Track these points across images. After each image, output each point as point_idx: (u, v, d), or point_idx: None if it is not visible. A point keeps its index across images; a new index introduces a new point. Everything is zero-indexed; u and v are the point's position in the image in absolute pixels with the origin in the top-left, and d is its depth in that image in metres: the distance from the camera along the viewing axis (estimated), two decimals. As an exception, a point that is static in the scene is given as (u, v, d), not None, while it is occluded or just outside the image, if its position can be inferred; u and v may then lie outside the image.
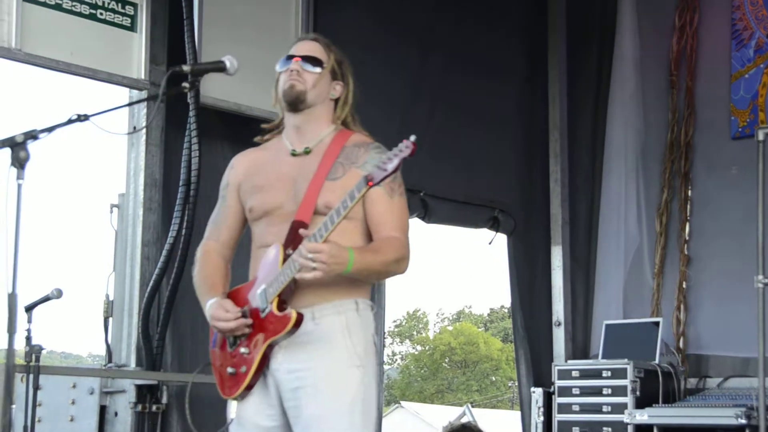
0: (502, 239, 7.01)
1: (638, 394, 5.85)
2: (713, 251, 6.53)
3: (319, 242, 2.89)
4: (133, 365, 5.13)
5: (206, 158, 5.21)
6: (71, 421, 5.08)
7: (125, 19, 5.14)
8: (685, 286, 6.59)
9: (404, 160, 2.79)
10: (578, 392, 6.08)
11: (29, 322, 4.30)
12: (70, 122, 2.99)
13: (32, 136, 2.89)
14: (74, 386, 5.11)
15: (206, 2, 5.25)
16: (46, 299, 4.38)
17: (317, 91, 3.21)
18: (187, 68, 3.18)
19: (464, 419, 7.41)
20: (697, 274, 6.58)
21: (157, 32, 5.27)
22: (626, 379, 5.88)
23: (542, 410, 6.31)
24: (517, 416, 7.17)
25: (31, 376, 4.30)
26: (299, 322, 2.98)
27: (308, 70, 3.20)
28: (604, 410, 5.93)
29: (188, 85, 3.18)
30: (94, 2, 5.00)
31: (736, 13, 6.63)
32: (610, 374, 5.97)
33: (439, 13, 6.64)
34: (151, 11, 5.23)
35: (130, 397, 5.03)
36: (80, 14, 4.97)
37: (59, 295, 4.34)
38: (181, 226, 5.10)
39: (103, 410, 5.08)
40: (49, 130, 2.94)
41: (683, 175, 6.70)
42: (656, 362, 6.11)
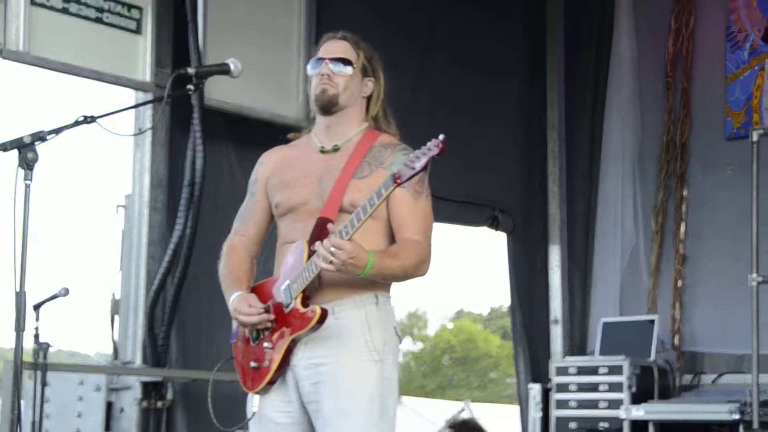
0: (501, 238, 7.06)
1: (634, 390, 5.89)
2: (708, 250, 6.56)
3: (344, 239, 2.89)
4: (138, 362, 5.16)
5: (210, 159, 5.25)
6: (78, 417, 5.12)
7: (131, 22, 5.17)
8: (680, 284, 6.63)
9: (433, 159, 2.78)
10: (575, 388, 6.13)
11: (37, 320, 4.33)
12: (77, 124, 3.01)
13: (40, 137, 2.93)
14: (81, 383, 5.13)
15: (210, 5, 5.28)
16: (53, 298, 4.41)
17: (349, 92, 3.21)
18: (191, 70, 3.21)
19: (463, 414, 7.45)
20: (692, 272, 6.62)
21: (162, 35, 5.30)
22: (622, 375, 5.92)
23: (540, 406, 6.36)
24: (515, 412, 7.21)
25: (38, 373, 4.34)
26: (323, 318, 2.98)
27: (339, 72, 3.20)
28: (600, 406, 5.98)
29: (193, 87, 3.20)
30: (100, 6, 5.03)
31: (731, 15, 6.66)
32: (606, 371, 6.01)
33: (439, 14, 6.66)
34: (156, 14, 5.25)
35: (135, 393, 5.06)
36: (87, 17, 4.99)
37: (66, 293, 4.37)
38: (185, 225, 5.13)
39: (109, 406, 5.11)
40: (56, 131, 2.97)
41: (679, 175, 6.74)
42: (652, 359, 6.15)
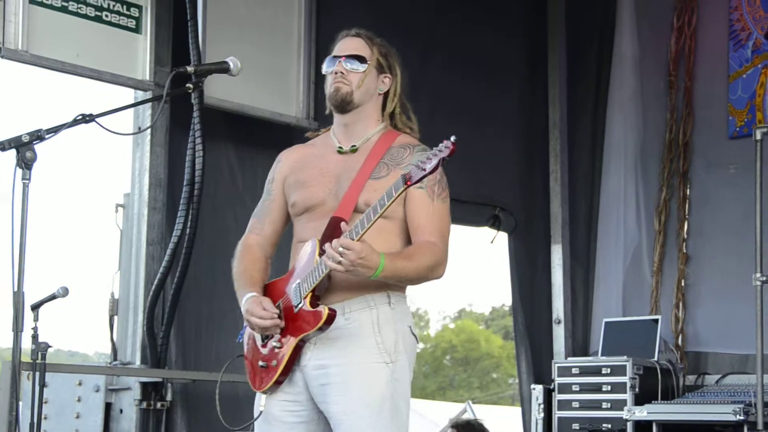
0: (503, 238, 7.05)
1: (637, 390, 5.86)
2: (711, 249, 6.55)
3: (354, 240, 2.87)
4: (138, 363, 5.16)
5: (210, 158, 5.24)
6: (77, 418, 5.11)
7: (130, 21, 5.17)
8: (683, 284, 6.61)
9: (443, 160, 2.77)
10: (578, 389, 6.10)
11: (36, 320, 4.31)
12: (75, 123, 3.00)
13: (38, 136, 2.92)
14: (80, 384, 5.13)
15: (210, 4, 5.27)
16: (52, 298, 4.38)
17: (364, 89, 3.19)
18: (191, 69, 3.21)
19: (465, 415, 7.43)
20: (695, 272, 6.60)
21: (161, 34, 5.30)
22: (625, 376, 5.90)
23: (542, 407, 6.33)
24: (517, 413, 7.19)
25: (37, 373, 4.32)
26: (331, 319, 2.97)
27: (352, 69, 3.18)
28: (603, 407, 5.95)
29: (192, 85, 3.20)
30: (99, 4, 5.03)
31: (733, 13, 6.65)
32: (609, 371, 5.98)
33: (440, 13, 6.66)
34: (155, 13, 5.25)
35: (135, 394, 5.07)
36: (86, 16, 4.99)
37: (65, 293, 4.35)
38: (185, 225, 5.13)
39: (108, 407, 5.11)
40: (54, 130, 2.96)
41: (682, 174, 6.72)
42: (655, 359, 6.13)
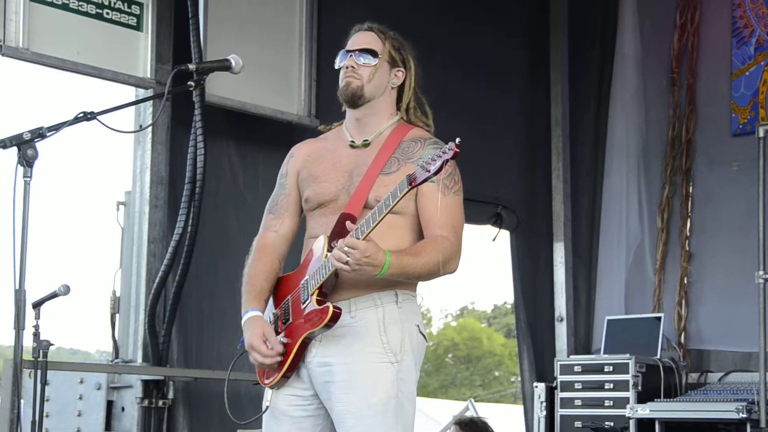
0: (505, 236, 7.04)
1: (640, 388, 5.86)
2: (714, 247, 6.55)
3: (360, 238, 2.85)
4: (139, 361, 5.16)
5: (211, 156, 5.24)
6: (79, 416, 5.11)
7: (131, 18, 5.16)
8: (686, 281, 6.61)
9: (447, 162, 2.75)
10: (580, 387, 6.10)
11: (37, 318, 4.31)
12: (76, 120, 3.00)
13: (39, 134, 2.91)
14: (81, 382, 5.14)
15: (211, 1, 5.27)
16: (53, 296, 4.38)
17: (375, 83, 3.17)
18: (192, 67, 3.20)
19: (468, 413, 7.42)
20: (698, 269, 6.60)
21: (162, 31, 5.29)
22: (628, 374, 5.89)
23: (545, 405, 6.33)
24: (520, 411, 7.18)
25: (39, 371, 4.32)
26: (336, 317, 2.95)
27: (363, 63, 3.16)
28: (606, 405, 5.95)
29: (193, 83, 3.20)
30: (100, 2, 5.02)
31: (736, 10, 6.64)
32: (611, 369, 5.98)
33: (441, 12, 6.65)
34: (156, 10, 5.25)
35: (136, 392, 5.07)
36: (87, 14, 4.99)
37: (67, 291, 4.34)
38: (186, 223, 5.12)
39: (110, 405, 5.12)
40: (56, 128, 2.96)
41: (684, 171, 6.72)
42: (658, 357, 6.13)
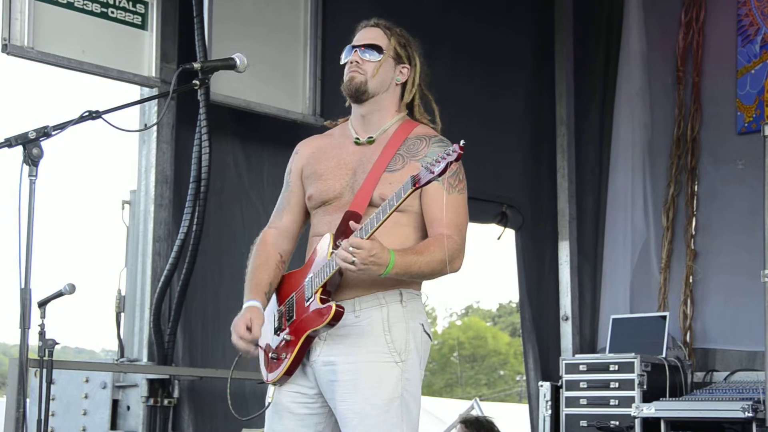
0: (510, 235, 7.04)
1: (645, 387, 5.85)
2: (720, 246, 6.53)
3: (364, 238, 2.84)
4: (144, 360, 5.16)
5: (216, 155, 5.25)
6: (84, 414, 5.12)
7: (136, 17, 5.17)
8: (691, 280, 6.59)
9: (450, 164, 2.74)
10: (585, 386, 6.09)
11: (43, 317, 4.31)
12: (81, 119, 3.00)
13: (45, 133, 2.91)
14: (87, 380, 5.15)
15: (216, 0, 5.27)
16: (59, 295, 4.39)
17: (379, 79, 3.16)
18: (197, 65, 3.21)
19: (473, 412, 7.41)
20: (703, 268, 6.59)
21: (167, 30, 5.30)
22: (633, 373, 5.88)
23: (550, 404, 6.32)
24: (525, 410, 7.18)
25: (44, 370, 4.33)
26: (339, 315, 2.94)
27: (368, 58, 3.16)
28: (611, 404, 5.94)
29: (198, 82, 3.20)
30: (105, 1, 5.03)
31: (742, 8, 6.63)
32: (617, 368, 5.97)
33: (445, 10, 6.65)
34: (161, 9, 5.26)
35: (142, 391, 5.08)
36: (92, 13, 5.00)
37: (72, 290, 4.35)
38: (191, 222, 5.13)
39: (115, 404, 5.13)
40: (61, 127, 2.96)
41: (690, 170, 6.71)
42: (663, 356, 6.11)
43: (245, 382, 4.40)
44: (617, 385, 5.94)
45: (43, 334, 4.23)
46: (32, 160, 2.89)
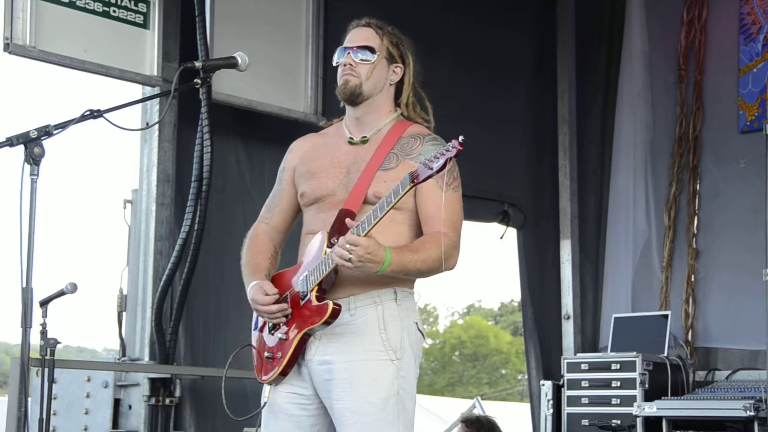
0: (511, 234, 7.04)
1: (647, 386, 5.85)
2: (721, 244, 6.53)
3: (361, 235, 2.84)
4: (146, 359, 5.16)
5: (218, 154, 5.25)
6: (86, 413, 5.12)
7: (138, 16, 5.17)
8: (693, 279, 6.59)
9: (450, 160, 2.74)
10: (587, 385, 6.09)
11: (44, 316, 4.31)
12: (83, 118, 3.00)
13: (46, 132, 2.91)
14: (89, 380, 5.14)
15: (218, -1, 5.29)
16: (60, 294, 4.39)
17: (373, 80, 3.16)
18: (198, 64, 3.21)
19: (474, 411, 7.42)
20: (705, 267, 6.58)
21: (169, 29, 5.30)
22: (635, 371, 5.88)
23: (551, 403, 6.32)
24: (526, 409, 7.18)
25: (46, 369, 4.33)
26: (336, 313, 2.95)
27: (361, 60, 3.15)
28: (613, 403, 5.94)
29: (200, 81, 3.20)
30: (107, 0, 5.04)
31: (744, 7, 6.62)
32: (619, 367, 5.97)
33: (446, 9, 6.65)
34: (163, 8, 5.26)
35: (143, 390, 5.07)
36: (94, 12, 5.01)
37: (74, 289, 4.35)
38: (193, 221, 5.13)
39: (117, 403, 5.12)
40: (62, 126, 2.95)
41: (691, 168, 6.71)
42: (665, 355, 6.11)
43: (245, 381, 4.40)
44: (619, 384, 5.94)
45: (44, 333, 4.23)
46: (34, 159, 2.89)
